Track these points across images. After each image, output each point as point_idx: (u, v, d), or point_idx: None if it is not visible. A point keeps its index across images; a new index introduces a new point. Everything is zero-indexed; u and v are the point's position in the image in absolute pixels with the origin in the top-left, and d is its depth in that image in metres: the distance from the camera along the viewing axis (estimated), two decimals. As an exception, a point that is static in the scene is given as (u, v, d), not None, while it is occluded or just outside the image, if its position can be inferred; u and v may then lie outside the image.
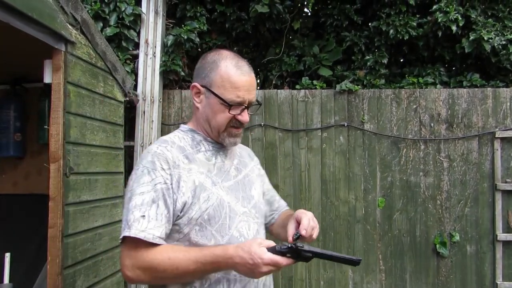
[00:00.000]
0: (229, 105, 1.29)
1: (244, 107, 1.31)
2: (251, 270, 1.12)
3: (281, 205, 1.66)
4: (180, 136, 1.37)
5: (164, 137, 1.36)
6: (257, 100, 1.39)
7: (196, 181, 1.26)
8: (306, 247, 1.19)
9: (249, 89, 1.31)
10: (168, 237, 1.23)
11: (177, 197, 1.22)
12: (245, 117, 1.32)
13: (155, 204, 1.19)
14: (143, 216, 1.17)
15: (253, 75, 1.34)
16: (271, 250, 1.15)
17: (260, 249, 1.13)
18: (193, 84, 1.36)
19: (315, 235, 1.30)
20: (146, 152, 1.28)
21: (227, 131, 1.33)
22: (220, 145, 1.39)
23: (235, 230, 1.29)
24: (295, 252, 1.18)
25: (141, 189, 1.20)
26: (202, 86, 1.33)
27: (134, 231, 1.15)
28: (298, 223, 1.31)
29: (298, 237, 1.26)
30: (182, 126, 1.43)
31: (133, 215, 1.17)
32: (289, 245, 1.18)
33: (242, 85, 1.29)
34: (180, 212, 1.22)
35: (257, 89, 3.91)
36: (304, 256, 1.19)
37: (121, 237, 1.19)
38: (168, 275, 1.16)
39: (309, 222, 1.28)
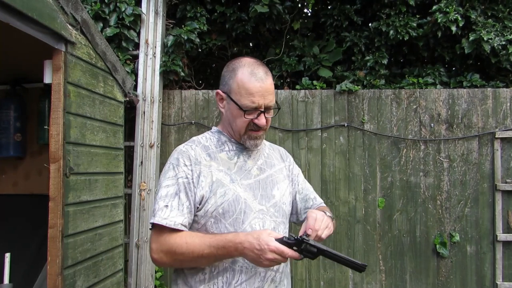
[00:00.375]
0: (244, 110, 1.38)
1: (260, 111, 1.39)
2: (258, 256, 1.22)
3: (316, 203, 1.71)
4: (208, 137, 1.49)
5: (194, 138, 1.50)
6: (276, 102, 1.46)
7: (214, 177, 1.37)
8: (312, 242, 1.24)
9: (263, 94, 1.38)
10: (190, 227, 1.36)
11: (197, 191, 1.34)
12: (261, 120, 1.40)
13: (177, 196, 1.33)
14: (166, 206, 1.32)
15: (269, 80, 1.41)
16: (279, 240, 1.23)
17: (269, 237, 1.23)
18: (217, 90, 1.47)
19: (324, 235, 1.34)
20: (174, 151, 1.44)
21: (247, 134, 1.43)
22: (243, 146, 1.47)
23: (248, 226, 1.36)
24: (301, 245, 1.24)
25: (166, 182, 1.36)
26: (223, 92, 1.44)
27: (157, 219, 1.30)
28: None
29: (308, 234, 1.31)
30: (213, 128, 1.55)
31: (158, 205, 1.33)
32: (296, 237, 1.24)
33: (256, 91, 1.36)
34: (199, 204, 1.35)
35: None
36: (309, 250, 1.24)
37: (149, 224, 1.35)
38: (185, 258, 1.29)
39: (315, 222, 1.33)
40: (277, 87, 4.06)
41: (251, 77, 1.38)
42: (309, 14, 4.52)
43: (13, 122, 3.12)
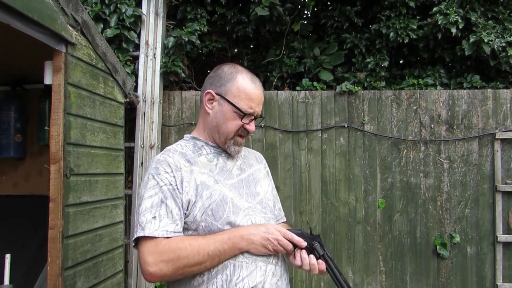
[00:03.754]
0: (243, 114, 1.41)
1: (252, 118, 1.44)
2: (265, 234, 1.29)
3: (279, 214, 1.65)
4: (182, 144, 1.47)
5: (168, 147, 1.46)
6: (261, 115, 1.50)
7: (197, 180, 1.34)
8: (318, 246, 1.32)
9: (259, 102, 1.44)
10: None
11: (183, 196, 1.31)
12: (252, 126, 1.45)
13: (164, 204, 1.28)
14: (154, 217, 1.26)
15: (262, 88, 1.48)
16: (293, 231, 1.35)
17: (275, 225, 1.36)
18: (207, 91, 1.44)
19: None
20: (151, 162, 1.39)
21: (234, 139, 1.44)
22: (221, 149, 1.47)
23: (240, 223, 1.35)
24: (314, 241, 1.30)
25: (149, 193, 1.30)
26: (216, 93, 1.43)
27: (148, 231, 1.24)
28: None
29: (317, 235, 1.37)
30: (185, 136, 1.53)
31: (145, 217, 1.26)
32: (313, 234, 1.34)
33: (255, 98, 1.42)
34: (186, 210, 1.31)
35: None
36: (317, 250, 1.32)
37: (133, 239, 1.29)
38: (190, 261, 1.24)
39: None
40: (277, 88, 4.07)
41: (252, 84, 1.42)
42: (309, 16, 4.53)
43: (13, 123, 3.12)
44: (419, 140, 3.65)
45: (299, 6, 4.17)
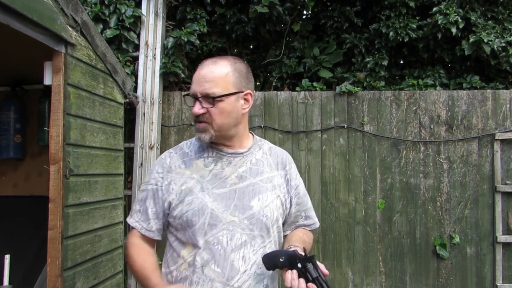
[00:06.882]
0: (189, 97, 1.36)
1: (195, 99, 1.33)
2: None
3: (305, 223, 1.54)
4: (193, 142, 1.48)
5: (182, 143, 1.51)
6: (227, 94, 1.31)
7: (184, 185, 1.36)
8: (311, 267, 1.21)
9: (199, 81, 1.32)
10: (168, 230, 1.43)
11: (166, 198, 1.37)
12: (193, 109, 1.33)
13: (144, 201, 1.41)
14: (139, 210, 1.42)
15: (213, 68, 1.32)
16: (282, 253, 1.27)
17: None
18: None
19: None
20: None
21: (195, 126, 1.37)
22: (226, 152, 1.41)
23: (212, 237, 1.30)
24: (308, 261, 1.21)
25: (142, 187, 1.44)
26: None
27: (131, 220, 1.43)
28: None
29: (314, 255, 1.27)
30: None
31: (134, 207, 1.44)
32: (308, 255, 1.23)
33: (195, 78, 1.34)
34: (168, 210, 1.38)
35: (256, 90, 3.91)
36: (310, 272, 1.20)
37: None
38: (128, 264, 1.41)
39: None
40: (277, 88, 4.07)
41: (200, 66, 1.36)
42: (309, 16, 4.53)
43: (13, 124, 3.12)
44: (418, 141, 3.65)
45: (299, 6, 4.18)
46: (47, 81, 2.17)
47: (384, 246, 3.64)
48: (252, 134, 1.51)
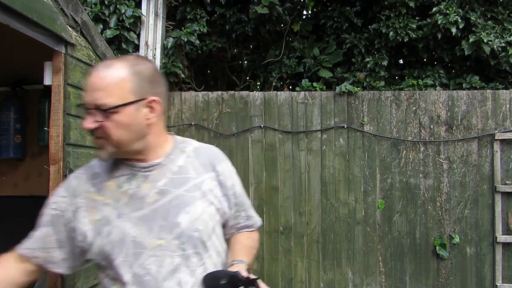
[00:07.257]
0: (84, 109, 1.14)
1: (87, 112, 1.13)
2: None
3: (246, 223, 1.39)
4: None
5: (92, 162, 1.28)
6: (123, 104, 1.09)
7: (98, 214, 1.16)
8: None
9: (89, 89, 1.11)
10: (98, 267, 1.22)
11: (75, 226, 1.18)
12: (83, 123, 1.12)
13: (43, 227, 1.22)
14: (35, 236, 1.23)
15: (104, 73, 1.10)
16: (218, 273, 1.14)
17: None
18: None
19: None
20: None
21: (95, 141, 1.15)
22: (141, 167, 1.20)
23: (139, 268, 1.12)
24: (239, 281, 1.09)
25: (44, 210, 1.25)
26: None
27: (19, 246, 1.23)
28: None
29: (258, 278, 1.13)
30: None
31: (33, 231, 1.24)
32: (249, 278, 1.10)
33: (86, 85, 1.13)
34: (84, 243, 1.18)
35: (256, 90, 3.93)
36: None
37: None
38: None
39: None
40: (277, 88, 4.07)
41: (91, 73, 1.14)
42: (309, 16, 4.53)
43: (13, 124, 3.11)
44: (418, 141, 3.66)
45: (299, 7, 4.18)
46: (47, 81, 2.16)
47: (384, 246, 3.64)
48: (172, 135, 1.32)
